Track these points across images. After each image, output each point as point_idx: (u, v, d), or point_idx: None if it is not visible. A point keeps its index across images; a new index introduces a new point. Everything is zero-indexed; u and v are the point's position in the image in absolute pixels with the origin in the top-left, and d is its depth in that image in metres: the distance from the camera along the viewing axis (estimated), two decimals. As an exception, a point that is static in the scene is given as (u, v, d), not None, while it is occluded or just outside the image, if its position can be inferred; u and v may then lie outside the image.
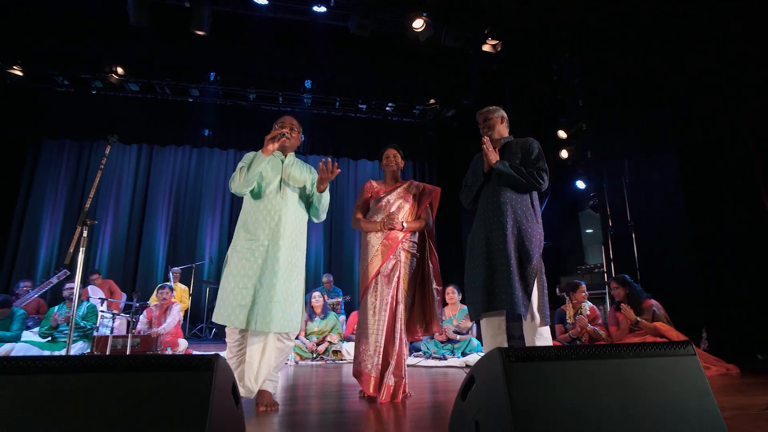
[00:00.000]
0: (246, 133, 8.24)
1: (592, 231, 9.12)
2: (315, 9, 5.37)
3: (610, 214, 4.97)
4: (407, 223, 2.63)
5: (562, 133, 6.64)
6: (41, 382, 0.90)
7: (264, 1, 5.27)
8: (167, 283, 5.15)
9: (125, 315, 4.41)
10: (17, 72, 6.80)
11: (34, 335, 4.37)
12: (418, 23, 5.42)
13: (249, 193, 2.38)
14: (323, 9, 5.37)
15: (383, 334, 2.44)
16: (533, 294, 2.28)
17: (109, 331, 4.82)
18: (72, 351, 3.97)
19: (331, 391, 2.81)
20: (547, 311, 2.39)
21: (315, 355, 4.47)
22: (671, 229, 4.09)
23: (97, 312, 4.42)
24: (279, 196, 2.36)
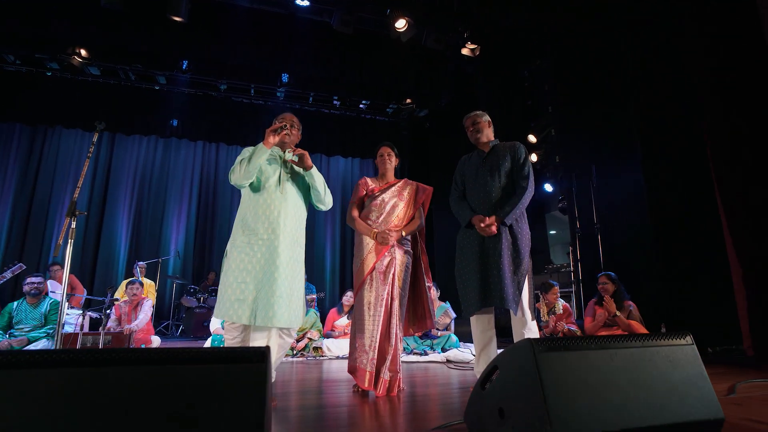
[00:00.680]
0: (217, 125, 8.01)
1: (555, 232, 9.58)
2: (298, 2, 5.32)
3: (577, 216, 5.26)
4: (405, 230, 2.67)
5: (532, 138, 6.95)
6: (110, 374, 0.88)
7: (245, -9, 5.16)
8: (137, 279, 4.94)
9: (97, 312, 4.20)
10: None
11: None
12: (400, 23, 5.49)
13: (248, 187, 2.36)
14: (306, 3, 5.32)
15: (379, 329, 2.49)
16: (524, 291, 2.42)
17: (73, 329, 4.59)
18: (35, 348, 3.75)
19: (324, 387, 2.83)
20: (534, 306, 2.55)
21: (295, 352, 4.45)
22: (635, 231, 4.40)
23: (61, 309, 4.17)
24: (279, 191, 2.35)
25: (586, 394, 1.16)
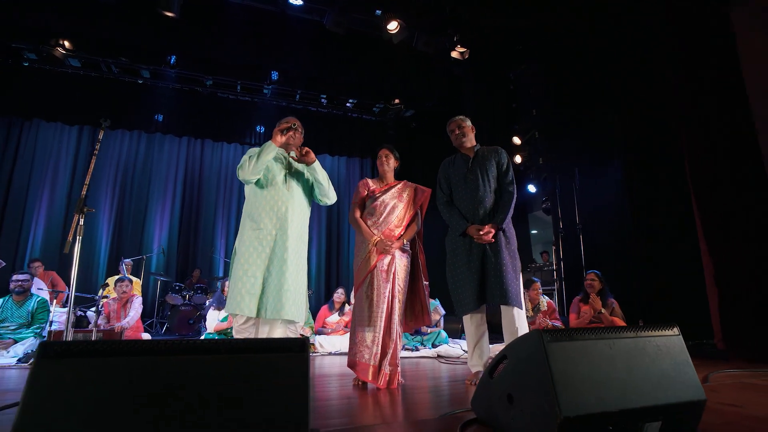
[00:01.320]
0: (203, 121, 7.92)
1: (536, 232, 9.86)
2: (291, 1, 5.34)
3: (560, 216, 5.47)
4: (405, 237, 2.76)
5: (516, 140, 7.16)
6: (162, 363, 0.95)
7: (238, -12, 5.15)
8: (125, 276, 4.89)
9: (81, 309, 4.15)
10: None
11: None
12: (392, 25, 5.57)
13: (254, 184, 2.41)
14: (299, 2, 5.35)
15: (382, 325, 2.58)
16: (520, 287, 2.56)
17: (58, 326, 4.51)
18: (22, 347, 3.70)
19: (324, 381, 2.91)
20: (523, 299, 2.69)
21: (287, 348, 4.49)
22: (615, 232, 4.63)
23: (49, 307, 4.11)
24: (285, 188, 2.42)
25: (588, 378, 1.29)
